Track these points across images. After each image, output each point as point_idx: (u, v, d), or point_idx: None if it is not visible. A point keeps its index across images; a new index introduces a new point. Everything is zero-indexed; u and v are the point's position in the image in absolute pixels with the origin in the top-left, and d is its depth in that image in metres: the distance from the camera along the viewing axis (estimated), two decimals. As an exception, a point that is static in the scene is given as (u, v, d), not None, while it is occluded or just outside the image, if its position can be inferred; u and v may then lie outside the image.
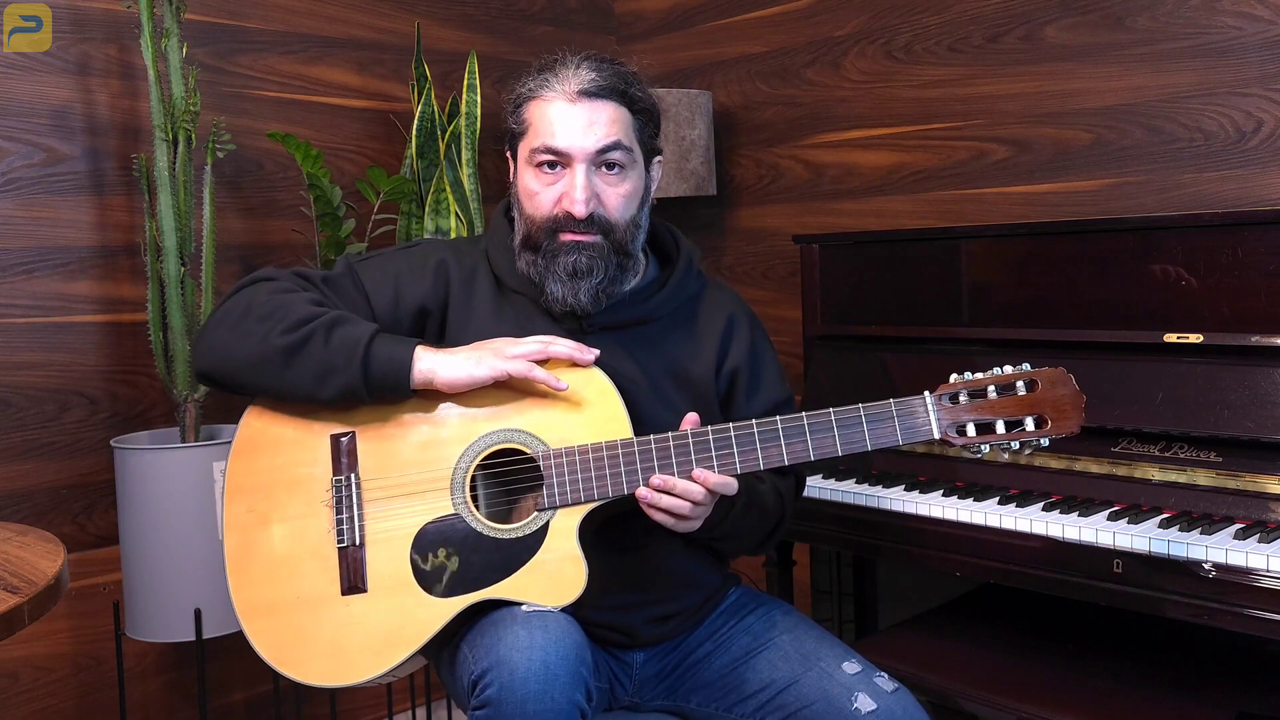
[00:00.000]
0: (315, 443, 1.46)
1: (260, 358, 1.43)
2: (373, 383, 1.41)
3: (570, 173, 1.47)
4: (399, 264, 1.56)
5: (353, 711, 2.60)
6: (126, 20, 2.27)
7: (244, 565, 1.45)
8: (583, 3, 3.10)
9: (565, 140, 1.46)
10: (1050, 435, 1.36)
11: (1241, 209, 2.01)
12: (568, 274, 1.47)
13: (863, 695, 1.42)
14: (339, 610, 1.41)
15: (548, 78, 1.49)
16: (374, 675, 1.39)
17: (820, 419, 1.38)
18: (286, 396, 1.46)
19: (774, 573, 2.17)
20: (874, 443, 1.38)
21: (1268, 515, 1.59)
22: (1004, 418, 1.36)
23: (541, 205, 1.49)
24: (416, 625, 1.38)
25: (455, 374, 1.41)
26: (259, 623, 1.42)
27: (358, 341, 1.41)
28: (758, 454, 1.38)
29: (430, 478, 1.43)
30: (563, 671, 1.27)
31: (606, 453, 1.39)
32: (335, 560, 1.42)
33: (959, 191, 2.44)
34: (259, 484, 1.47)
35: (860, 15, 2.59)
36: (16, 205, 2.21)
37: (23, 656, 2.20)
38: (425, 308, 1.53)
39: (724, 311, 1.61)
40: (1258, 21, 2.00)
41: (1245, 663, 1.76)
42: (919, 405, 1.37)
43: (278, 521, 1.45)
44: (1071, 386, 1.37)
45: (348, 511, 1.43)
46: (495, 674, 1.27)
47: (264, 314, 1.45)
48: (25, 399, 2.23)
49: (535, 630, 1.30)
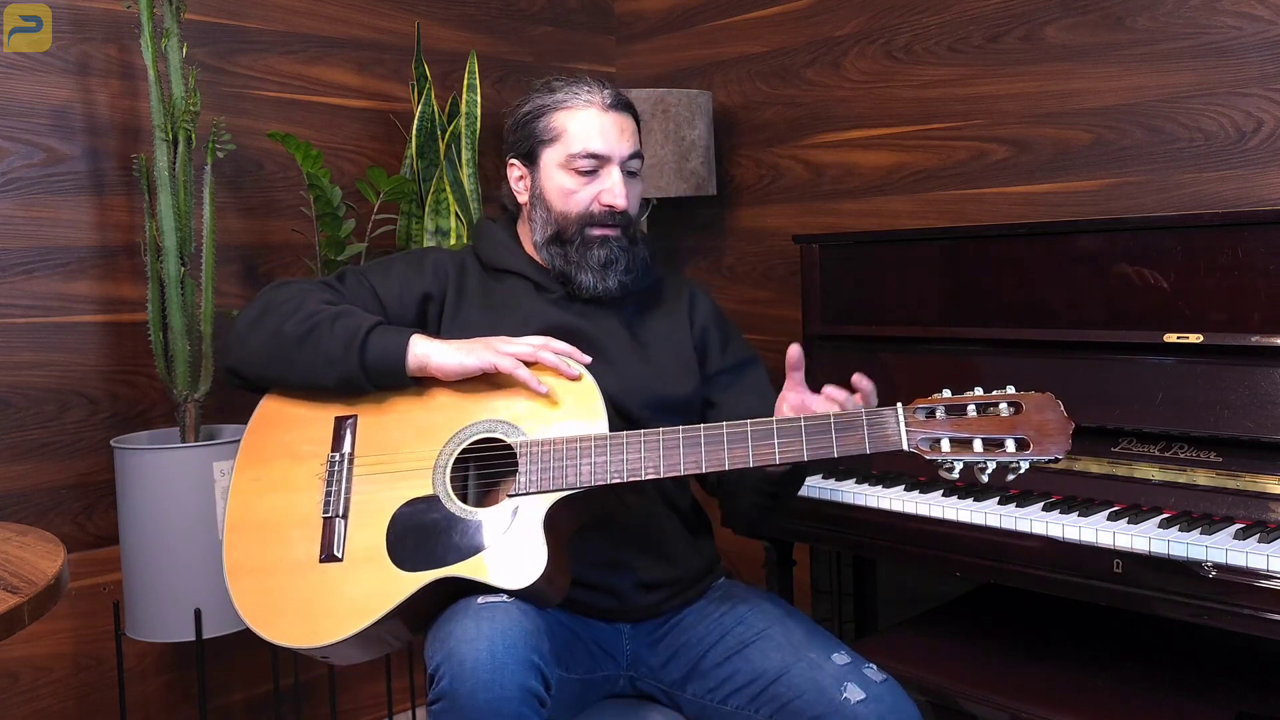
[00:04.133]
0: (322, 422, 1.57)
1: (273, 349, 1.57)
2: (370, 369, 1.52)
3: (607, 173, 1.66)
4: (399, 265, 1.73)
5: (353, 712, 2.60)
6: (126, 20, 2.27)
7: (239, 528, 1.54)
8: (583, 3, 3.10)
9: (606, 145, 1.66)
10: (1032, 458, 1.31)
11: (1241, 209, 2.01)
12: (600, 265, 1.65)
13: (852, 685, 1.44)
14: (314, 576, 1.47)
15: (573, 91, 1.67)
16: (335, 640, 1.42)
17: (789, 425, 1.40)
18: (297, 385, 1.58)
19: (773, 572, 2.17)
20: (841, 451, 1.37)
21: (1268, 515, 1.59)
22: (982, 436, 1.33)
23: (579, 203, 1.66)
24: (381, 596, 1.42)
25: (447, 361, 1.51)
26: (242, 582, 1.50)
27: (357, 330, 1.53)
28: (724, 455, 1.41)
29: (417, 460, 1.50)
30: (510, 659, 1.31)
31: (580, 445, 1.45)
32: (319, 529, 1.50)
33: (959, 191, 2.44)
34: (267, 456, 1.57)
35: (860, 15, 2.59)
36: (16, 205, 2.21)
37: (23, 656, 2.20)
38: (428, 293, 1.68)
39: (685, 288, 1.81)
40: (1258, 21, 2.00)
41: (1245, 663, 1.76)
42: (889, 416, 1.36)
43: (277, 491, 1.54)
44: (1058, 412, 1.33)
45: (336, 485, 1.52)
46: (446, 666, 1.32)
47: (280, 310, 1.59)
48: (25, 399, 2.23)
49: (484, 621, 1.34)
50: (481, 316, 1.66)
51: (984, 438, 1.32)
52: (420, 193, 2.50)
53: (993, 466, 1.32)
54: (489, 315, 1.66)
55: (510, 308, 1.67)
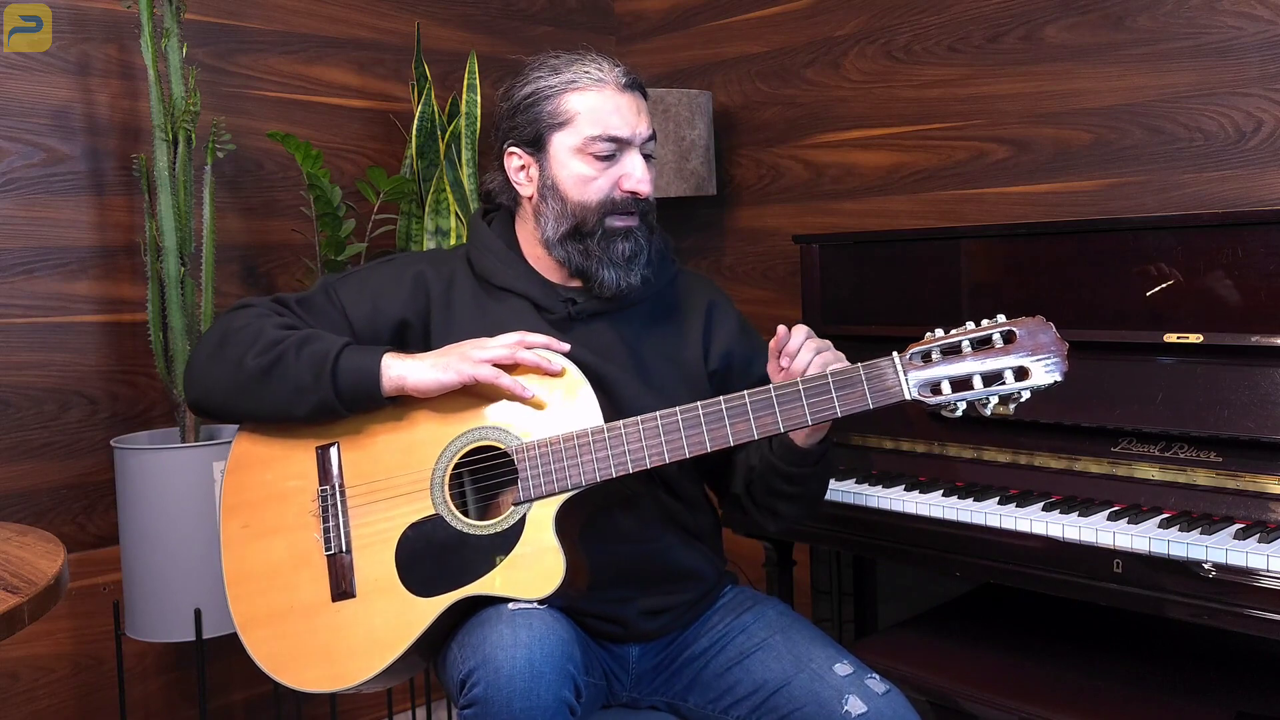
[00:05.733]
0: (301, 455, 1.49)
1: (237, 383, 1.47)
2: (344, 395, 1.44)
3: (627, 157, 1.52)
4: (376, 279, 1.59)
5: (353, 712, 2.60)
6: (126, 20, 2.27)
7: (241, 580, 1.48)
8: (583, 3, 3.10)
9: (626, 128, 1.51)
10: (1032, 386, 1.29)
11: (1241, 209, 2.01)
12: (624, 259, 1.52)
13: (854, 698, 1.42)
14: (330, 616, 1.43)
15: (582, 69, 1.52)
16: (365, 679, 1.40)
17: (788, 389, 1.36)
18: (267, 418, 1.50)
19: (773, 572, 2.17)
20: (844, 409, 1.34)
21: (1268, 515, 1.59)
22: (980, 371, 1.30)
23: (598, 190, 1.52)
24: (403, 627, 1.39)
25: (423, 380, 1.43)
26: (257, 634, 1.45)
27: (325, 355, 1.44)
28: (726, 430, 1.37)
29: (411, 480, 1.45)
30: (548, 669, 1.28)
31: (578, 441, 1.40)
32: (325, 568, 1.45)
33: (959, 191, 2.44)
34: (251, 500, 1.50)
35: (860, 15, 2.59)
36: (16, 205, 2.21)
37: (23, 656, 2.20)
38: (405, 320, 1.55)
39: (704, 296, 1.67)
40: (1258, 21, 2.00)
41: (1245, 663, 1.76)
42: (887, 367, 1.33)
43: (270, 534, 1.48)
44: (1052, 334, 1.30)
45: (334, 519, 1.46)
46: (481, 673, 1.28)
47: (237, 340, 1.48)
48: (25, 399, 2.23)
49: (520, 628, 1.31)
50: (475, 337, 1.52)
51: (982, 373, 1.30)
52: (420, 193, 2.50)
53: (995, 400, 1.31)
54: (485, 330, 1.52)
55: (506, 331, 1.50)
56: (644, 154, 1.55)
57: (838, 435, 1.65)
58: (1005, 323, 1.32)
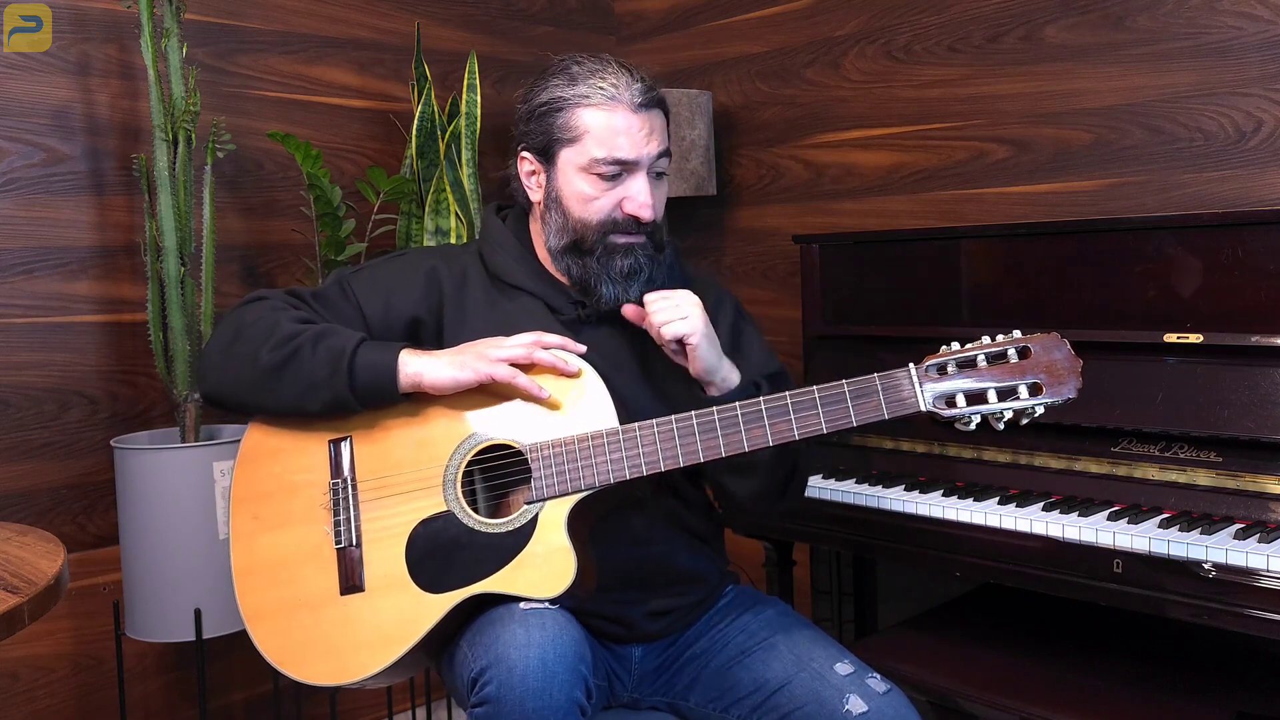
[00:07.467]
0: (314, 448, 1.49)
1: (252, 378, 1.47)
2: (360, 391, 1.44)
3: (633, 179, 1.51)
4: (389, 274, 1.59)
5: (353, 711, 2.60)
6: (126, 20, 2.27)
7: (249, 572, 1.47)
8: (583, 3, 3.09)
9: (634, 152, 1.50)
10: (1046, 401, 1.31)
11: (1241, 209, 2.01)
12: (623, 275, 1.52)
13: (854, 697, 1.42)
14: (338, 610, 1.42)
15: (598, 84, 1.50)
16: (371, 674, 1.39)
17: (804, 397, 1.36)
18: (282, 413, 1.50)
19: (773, 572, 2.17)
20: (859, 418, 1.35)
21: (1268, 515, 1.59)
22: (995, 385, 1.32)
23: (600, 210, 1.52)
24: (411, 622, 1.39)
25: (440, 378, 1.43)
26: (263, 626, 1.45)
27: (342, 351, 1.44)
28: (742, 436, 1.37)
29: (423, 477, 1.45)
30: (561, 669, 1.28)
31: (592, 442, 1.40)
32: (334, 561, 1.44)
33: (959, 191, 2.44)
34: (261, 491, 1.50)
35: (860, 15, 2.59)
36: (16, 205, 2.21)
37: (23, 656, 2.20)
38: (417, 317, 1.56)
39: (710, 299, 1.63)
40: (1258, 21, 2.00)
41: (1245, 663, 1.76)
42: (902, 378, 1.34)
43: (280, 527, 1.48)
44: (1066, 350, 1.32)
45: (345, 513, 1.45)
46: (494, 671, 1.28)
47: (252, 335, 1.48)
48: (25, 399, 2.23)
49: (533, 628, 1.30)
50: (488, 336, 1.52)
51: (997, 387, 1.32)
52: (420, 193, 2.50)
53: (1009, 415, 1.32)
54: (496, 335, 1.51)
55: (518, 329, 1.50)
56: (656, 171, 1.53)
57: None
58: (1021, 338, 1.34)
